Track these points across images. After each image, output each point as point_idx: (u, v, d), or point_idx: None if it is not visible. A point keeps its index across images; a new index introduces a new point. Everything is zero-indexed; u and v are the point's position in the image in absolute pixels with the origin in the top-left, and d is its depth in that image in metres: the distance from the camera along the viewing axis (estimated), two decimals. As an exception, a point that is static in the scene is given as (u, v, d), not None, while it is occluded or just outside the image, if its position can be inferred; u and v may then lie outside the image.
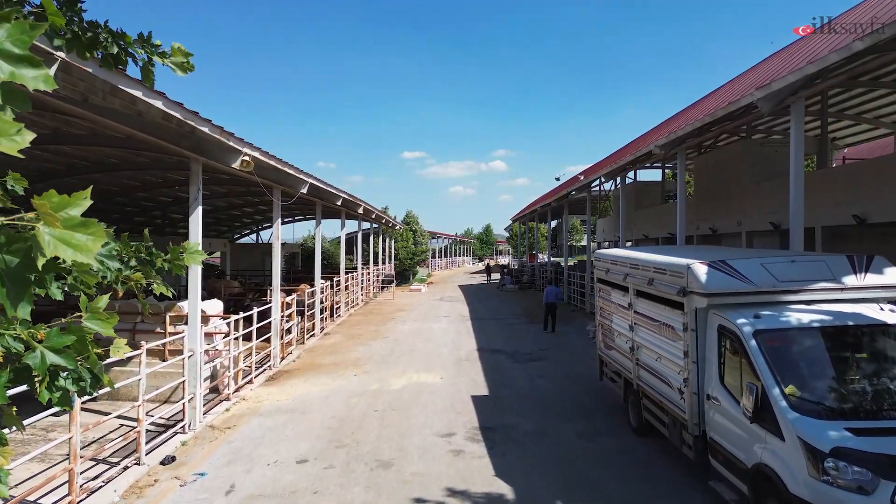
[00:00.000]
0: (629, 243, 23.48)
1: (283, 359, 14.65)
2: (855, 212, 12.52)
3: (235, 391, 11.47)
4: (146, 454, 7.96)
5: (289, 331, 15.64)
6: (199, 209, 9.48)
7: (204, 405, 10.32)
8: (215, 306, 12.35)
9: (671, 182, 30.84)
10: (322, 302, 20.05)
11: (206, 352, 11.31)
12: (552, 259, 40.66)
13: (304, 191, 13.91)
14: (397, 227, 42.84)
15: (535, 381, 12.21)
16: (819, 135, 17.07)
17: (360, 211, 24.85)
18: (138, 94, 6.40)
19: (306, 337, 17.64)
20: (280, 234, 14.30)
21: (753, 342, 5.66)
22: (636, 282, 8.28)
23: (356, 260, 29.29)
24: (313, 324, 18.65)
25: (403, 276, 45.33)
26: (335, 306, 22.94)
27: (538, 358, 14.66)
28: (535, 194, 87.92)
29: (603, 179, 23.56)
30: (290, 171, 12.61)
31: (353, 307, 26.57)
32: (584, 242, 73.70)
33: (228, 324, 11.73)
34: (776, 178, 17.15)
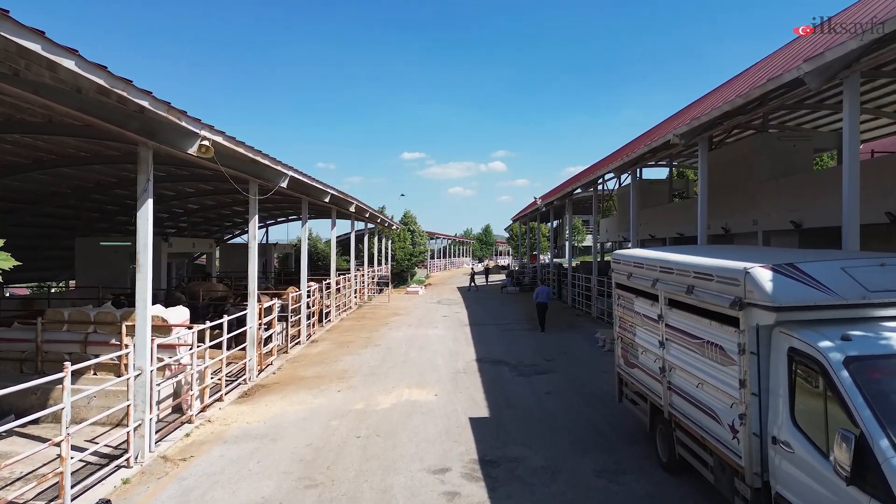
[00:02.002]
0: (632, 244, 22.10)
1: (261, 371, 13.22)
2: (889, 209, 11.17)
3: (201, 411, 10.05)
4: (72, 498, 6.54)
5: (269, 339, 14.21)
6: (149, 203, 8.06)
7: (160, 430, 8.89)
8: (179, 314, 10.93)
9: (677, 181, 29.55)
10: (309, 306, 18.63)
11: (168, 367, 9.91)
12: (554, 260, 39.18)
13: (284, 185, 12.47)
14: (394, 228, 41.44)
15: (542, 400, 10.78)
16: (842, 128, 15.67)
17: (352, 209, 23.44)
18: (37, 48, 4.98)
19: (291, 345, 16.22)
20: (256, 232, 12.86)
21: (846, 373, 4.24)
22: (669, 289, 6.84)
23: (351, 261, 27.89)
24: (299, 330, 17.22)
25: (401, 277, 43.93)
26: (324, 311, 21.52)
27: (545, 371, 13.23)
28: (535, 195, 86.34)
29: (612, 175, 22.18)
30: (266, 162, 11.17)
31: (344, 311, 25.17)
32: (585, 243, 72.38)
33: (195, 333, 10.35)
34: (795, 173, 15.82)
